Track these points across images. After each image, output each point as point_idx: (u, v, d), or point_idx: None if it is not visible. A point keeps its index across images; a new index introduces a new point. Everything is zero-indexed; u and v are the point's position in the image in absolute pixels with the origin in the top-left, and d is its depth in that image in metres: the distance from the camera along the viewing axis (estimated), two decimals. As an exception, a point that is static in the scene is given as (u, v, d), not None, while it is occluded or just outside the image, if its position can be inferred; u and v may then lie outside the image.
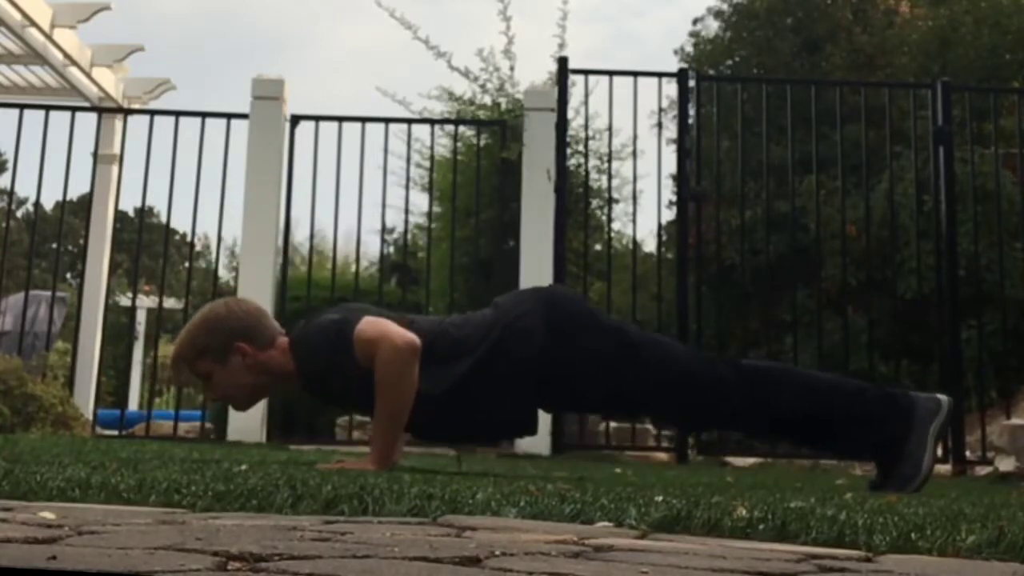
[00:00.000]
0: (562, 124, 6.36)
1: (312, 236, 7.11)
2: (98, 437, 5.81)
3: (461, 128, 7.25)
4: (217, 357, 2.98)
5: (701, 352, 3.27)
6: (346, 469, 2.73)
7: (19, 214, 26.44)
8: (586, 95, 6.69)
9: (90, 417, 6.33)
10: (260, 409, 6.07)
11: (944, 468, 5.55)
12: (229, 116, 6.50)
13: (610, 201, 7.40)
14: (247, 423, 6.04)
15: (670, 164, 7.13)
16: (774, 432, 3.23)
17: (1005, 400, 6.30)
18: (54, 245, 18.13)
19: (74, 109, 6.86)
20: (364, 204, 6.42)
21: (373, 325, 2.86)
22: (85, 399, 6.59)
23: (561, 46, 7.27)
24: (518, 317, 2.97)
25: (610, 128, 6.68)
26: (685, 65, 10.26)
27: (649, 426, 7.17)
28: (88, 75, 8.22)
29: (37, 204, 7.06)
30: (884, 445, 3.00)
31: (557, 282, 5.90)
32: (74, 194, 18.31)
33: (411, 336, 2.81)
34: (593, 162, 7.35)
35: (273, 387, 3.16)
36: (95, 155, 7.43)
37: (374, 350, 2.81)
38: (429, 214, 7.16)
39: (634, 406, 3.21)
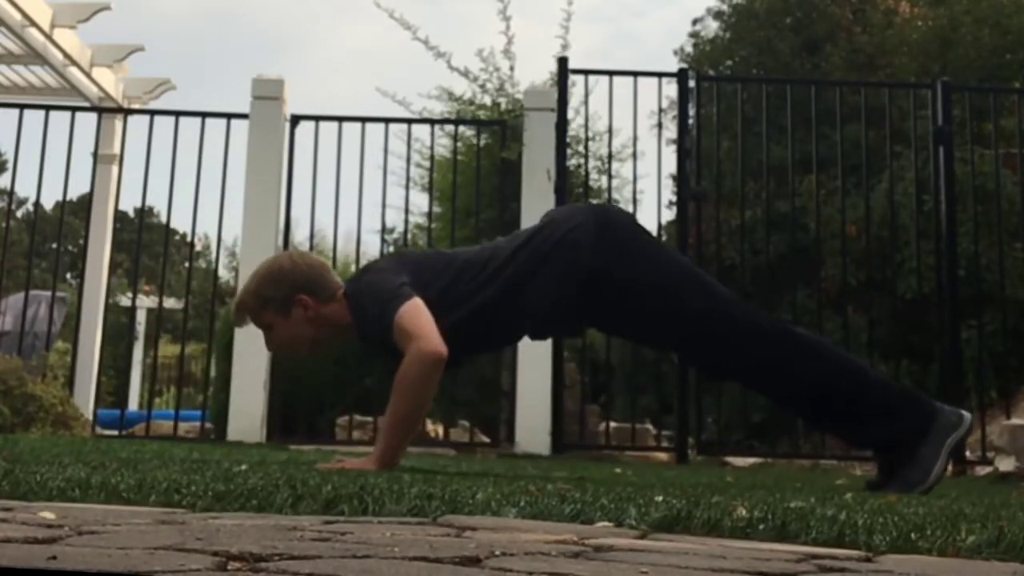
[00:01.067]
0: (562, 124, 6.36)
1: (312, 236, 7.10)
2: (98, 437, 5.81)
3: (461, 128, 7.24)
4: (279, 309, 3.01)
5: (743, 301, 3.25)
6: (346, 469, 2.73)
7: (19, 214, 26.44)
8: (586, 95, 6.70)
9: (90, 417, 6.33)
10: (260, 409, 6.07)
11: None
12: (229, 116, 6.50)
13: (610, 201, 7.39)
14: (247, 423, 6.05)
15: (670, 164, 7.14)
16: (792, 398, 3.16)
17: (1005, 400, 6.30)
18: (54, 245, 18.14)
19: (74, 109, 6.86)
20: (364, 204, 6.43)
21: (411, 319, 2.84)
22: (85, 399, 6.59)
23: (564, 47, 7.26)
24: (570, 230, 2.99)
25: (610, 128, 6.68)
26: (685, 65, 10.26)
27: (649, 426, 7.18)
28: (88, 75, 8.22)
29: (37, 204, 7.06)
30: (895, 442, 2.97)
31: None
32: (74, 194, 18.31)
33: (439, 346, 2.80)
34: (593, 162, 7.35)
35: (333, 341, 3.16)
36: (95, 155, 7.43)
37: (404, 346, 2.83)
38: (429, 214, 7.16)
39: (667, 336, 3.15)
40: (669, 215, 8.44)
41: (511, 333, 3.24)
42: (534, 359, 6.01)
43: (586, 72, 6.66)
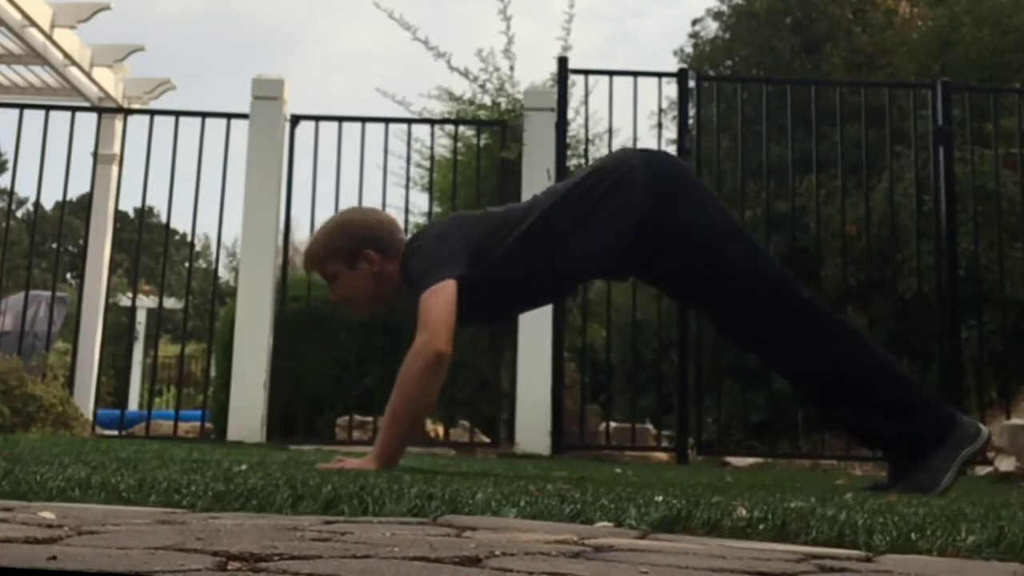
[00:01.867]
0: (562, 124, 6.36)
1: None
2: (98, 437, 5.81)
3: (461, 128, 7.24)
4: (346, 260, 3.06)
5: (786, 270, 3.23)
6: (346, 469, 2.73)
7: (19, 214, 26.44)
8: (586, 95, 6.70)
9: (90, 417, 6.33)
10: (260, 409, 6.07)
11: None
12: (229, 116, 6.50)
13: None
14: (247, 423, 6.05)
15: (670, 164, 7.11)
16: (814, 379, 3.11)
17: (1005, 400, 6.30)
18: (54, 245, 18.13)
19: (74, 109, 6.86)
20: (364, 204, 6.42)
21: (431, 305, 2.83)
22: (85, 399, 6.59)
23: (565, 48, 7.27)
24: (624, 174, 2.98)
25: (610, 128, 6.68)
26: (685, 66, 10.25)
27: (649, 426, 7.18)
28: (88, 75, 8.22)
29: (37, 204, 7.06)
30: (906, 442, 2.94)
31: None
32: (74, 194, 18.34)
33: (443, 345, 2.80)
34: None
35: (394, 299, 3.16)
36: (95, 155, 7.43)
37: (418, 327, 2.84)
38: (429, 214, 7.16)
39: (705, 293, 3.11)
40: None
41: (563, 283, 3.25)
42: (534, 359, 6.01)
43: (586, 72, 6.66)
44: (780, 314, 3.00)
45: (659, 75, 6.59)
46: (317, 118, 6.50)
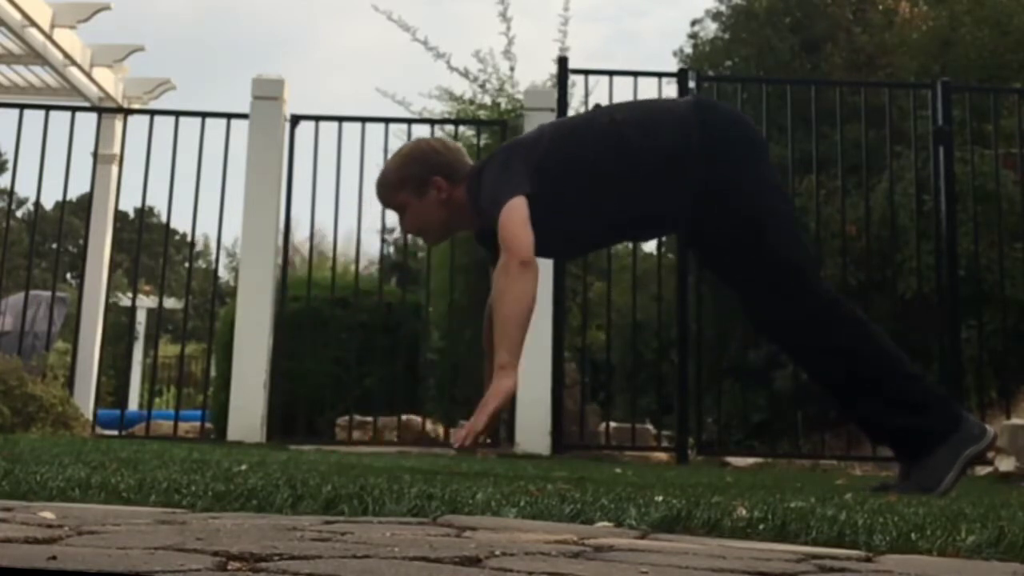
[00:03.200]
0: (562, 124, 6.35)
1: (312, 236, 7.11)
2: (98, 437, 5.81)
3: (461, 128, 7.25)
4: (415, 189, 3.09)
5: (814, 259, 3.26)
6: (491, 415, 2.77)
7: (19, 214, 26.45)
8: (586, 95, 6.70)
9: (90, 417, 6.33)
10: (260, 409, 6.07)
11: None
12: (229, 116, 6.50)
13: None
14: (247, 423, 6.05)
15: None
16: (829, 371, 3.13)
17: (1005, 400, 6.29)
18: (54, 245, 18.13)
19: (74, 109, 6.86)
20: (364, 204, 6.42)
21: (509, 222, 2.89)
22: (85, 399, 6.59)
23: (563, 49, 7.28)
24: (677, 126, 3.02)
25: (610, 128, 6.66)
26: (684, 66, 10.25)
27: (649, 426, 7.18)
28: (88, 75, 8.22)
29: (37, 204, 7.06)
30: (910, 439, 2.95)
31: (557, 281, 5.90)
32: (74, 194, 18.34)
33: (527, 255, 2.86)
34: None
35: (462, 224, 3.22)
36: (95, 155, 7.43)
37: (502, 245, 2.89)
38: (429, 214, 7.15)
39: (737, 267, 3.10)
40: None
41: (601, 229, 3.22)
42: (534, 359, 6.00)
43: (586, 72, 6.66)
44: (801, 301, 3.01)
45: (659, 75, 6.58)
46: (317, 118, 6.50)
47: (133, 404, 10.86)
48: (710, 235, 3.12)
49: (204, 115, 6.50)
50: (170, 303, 15.20)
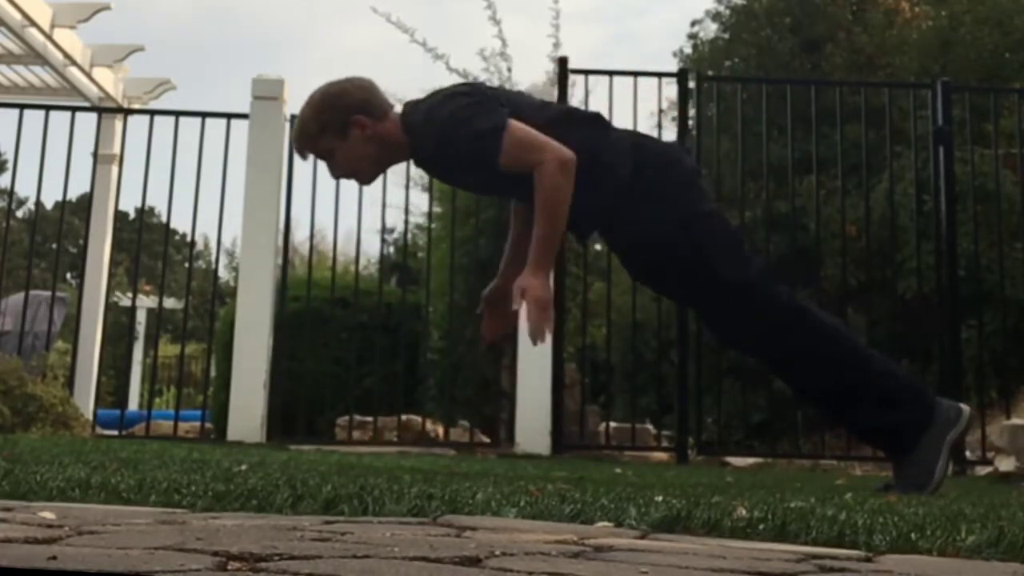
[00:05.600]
0: (562, 124, 6.35)
1: (312, 236, 7.11)
2: (98, 437, 5.80)
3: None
4: (337, 132, 3.04)
5: (765, 271, 3.23)
6: (539, 299, 2.75)
7: (19, 214, 26.44)
8: (586, 95, 6.69)
9: (90, 417, 6.33)
10: (260, 409, 6.07)
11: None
12: (229, 116, 6.49)
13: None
14: (247, 423, 6.04)
15: (670, 164, 7.11)
16: (798, 376, 3.14)
17: (1005, 400, 6.29)
18: (54, 245, 18.13)
19: (74, 109, 6.85)
20: (364, 204, 6.42)
21: (525, 133, 2.86)
22: (85, 399, 6.58)
23: (556, 45, 7.28)
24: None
25: (610, 128, 6.66)
26: (684, 66, 10.25)
27: (649, 426, 7.18)
28: (88, 75, 8.22)
29: (37, 204, 7.06)
30: (893, 432, 2.96)
31: (557, 281, 5.89)
32: (74, 194, 18.33)
33: (567, 152, 2.83)
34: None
35: (398, 156, 3.18)
36: (95, 155, 7.43)
37: (530, 160, 2.84)
38: (429, 214, 7.16)
39: (691, 292, 3.13)
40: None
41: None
42: (534, 359, 6.01)
43: (586, 72, 6.66)
44: (761, 313, 3.01)
45: (659, 75, 6.59)
46: (317, 118, 6.48)
47: (133, 404, 10.86)
48: (653, 270, 3.15)
49: (204, 115, 6.49)
50: (170, 303, 15.20)
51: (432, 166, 3.22)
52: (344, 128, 3.03)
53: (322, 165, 3.13)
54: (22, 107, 6.79)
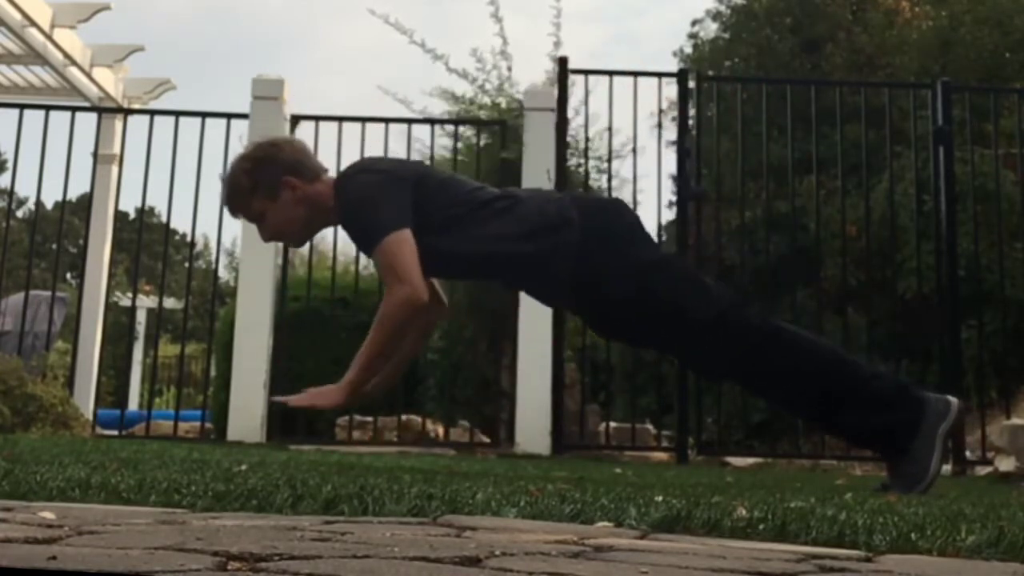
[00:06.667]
0: (562, 124, 6.36)
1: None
2: (98, 437, 5.80)
3: (461, 128, 7.24)
4: (268, 194, 3.02)
5: (736, 297, 3.19)
6: (316, 405, 2.94)
7: (19, 214, 26.44)
8: (586, 95, 6.69)
9: (90, 417, 6.33)
10: (260, 409, 6.07)
11: (944, 468, 5.54)
12: (229, 116, 6.49)
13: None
14: (247, 423, 6.04)
15: (670, 164, 7.11)
16: (784, 398, 3.14)
17: (1005, 400, 6.29)
18: (54, 245, 18.13)
19: (74, 109, 6.85)
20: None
21: (396, 255, 2.86)
22: (85, 399, 6.58)
23: (556, 44, 7.27)
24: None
25: (610, 128, 6.67)
26: (684, 66, 10.25)
27: (649, 426, 7.18)
28: (88, 75, 8.22)
29: (37, 204, 7.06)
30: (885, 433, 2.96)
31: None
32: (74, 194, 18.32)
33: (420, 291, 2.86)
34: (593, 162, 7.35)
35: (329, 220, 3.15)
36: (95, 155, 7.43)
37: (387, 281, 2.91)
38: (429, 214, 7.14)
39: (658, 335, 3.09)
40: (669, 215, 8.46)
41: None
42: (534, 359, 6.01)
43: (586, 72, 6.65)
44: (734, 341, 2.97)
45: (659, 75, 6.58)
46: (317, 118, 6.50)
47: (133, 404, 10.86)
48: (622, 326, 3.13)
49: (204, 115, 6.49)
50: (170, 303, 15.19)
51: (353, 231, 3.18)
52: (275, 188, 3.01)
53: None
54: (22, 107, 6.79)
